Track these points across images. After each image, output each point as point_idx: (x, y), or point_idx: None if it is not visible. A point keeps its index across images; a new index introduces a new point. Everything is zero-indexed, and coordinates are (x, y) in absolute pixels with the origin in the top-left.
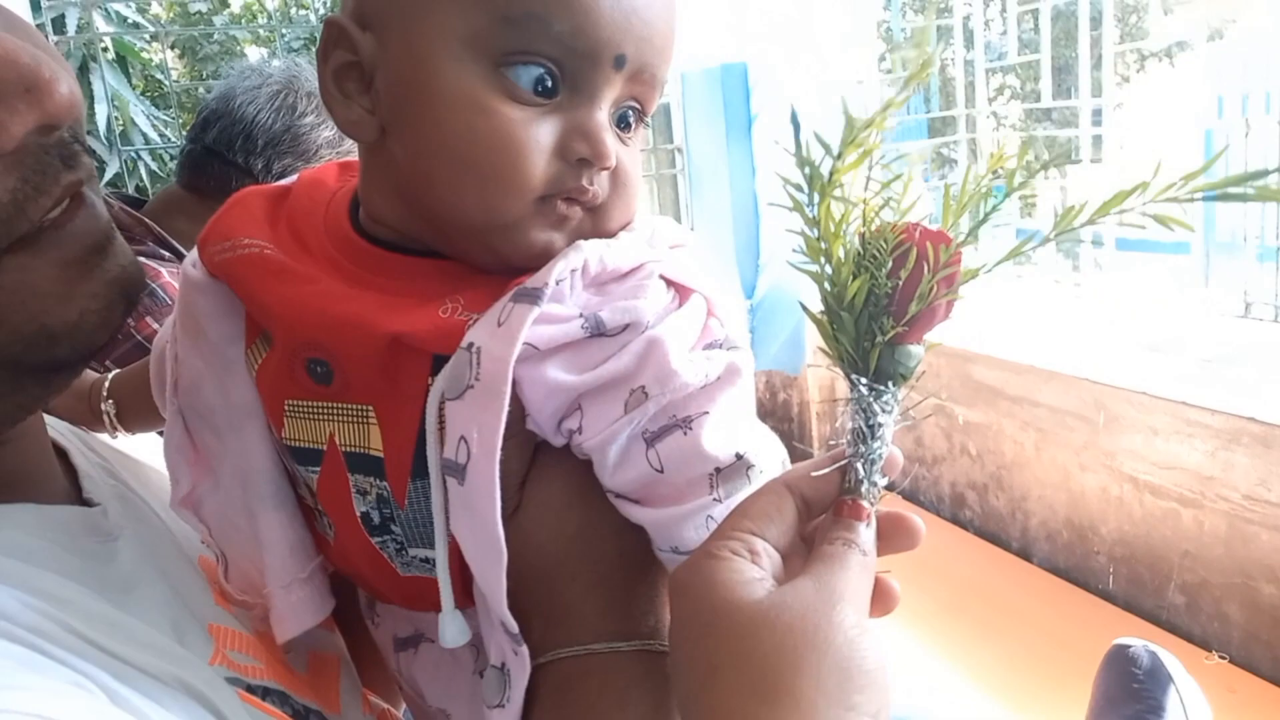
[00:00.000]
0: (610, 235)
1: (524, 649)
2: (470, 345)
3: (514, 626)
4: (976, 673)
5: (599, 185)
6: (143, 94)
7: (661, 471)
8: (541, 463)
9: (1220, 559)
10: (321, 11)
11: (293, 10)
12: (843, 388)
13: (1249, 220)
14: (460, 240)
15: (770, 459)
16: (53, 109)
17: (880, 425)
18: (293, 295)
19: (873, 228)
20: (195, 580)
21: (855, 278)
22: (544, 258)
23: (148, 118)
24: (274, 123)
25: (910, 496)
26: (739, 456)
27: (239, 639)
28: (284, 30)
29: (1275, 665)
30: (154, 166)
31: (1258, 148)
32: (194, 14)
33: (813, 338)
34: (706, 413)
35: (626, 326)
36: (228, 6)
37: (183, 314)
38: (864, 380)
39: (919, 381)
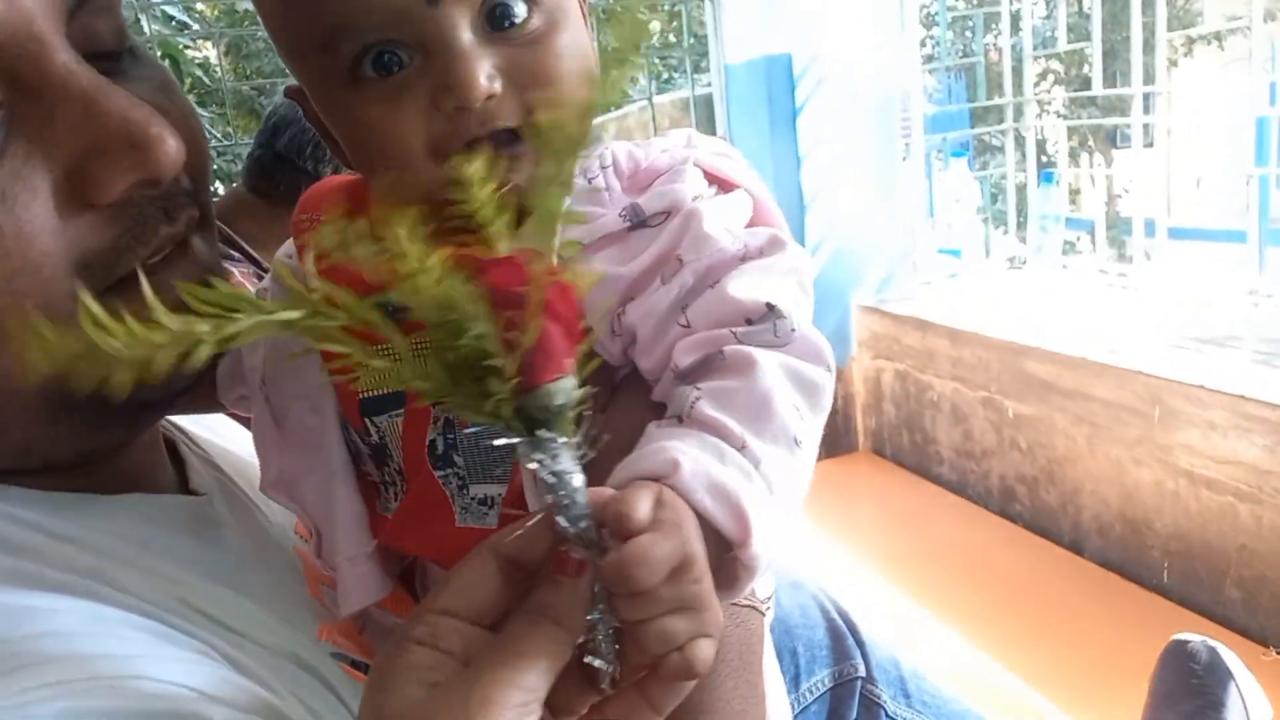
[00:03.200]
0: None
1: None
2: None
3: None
4: (1029, 669)
5: (505, 113)
6: (189, 91)
7: (687, 326)
8: (620, 394)
9: (1279, 554)
10: None
11: None
12: (887, 380)
13: None
14: None
15: (804, 317)
16: (155, 166)
17: (560, 472)
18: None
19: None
20: (293, 568)
21: (434, 351)
22: (524, 201)
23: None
24: None
25: (958, 490)
26: (770, 307)
27: (331, 625)
28: None
29: None
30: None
31: None
32: (239, 12)
33: (858, 330)
34: (740, 271)
35: (666, 213)
36: None
37: (272, 296)
38: (516, 438)
39: (964, 375)
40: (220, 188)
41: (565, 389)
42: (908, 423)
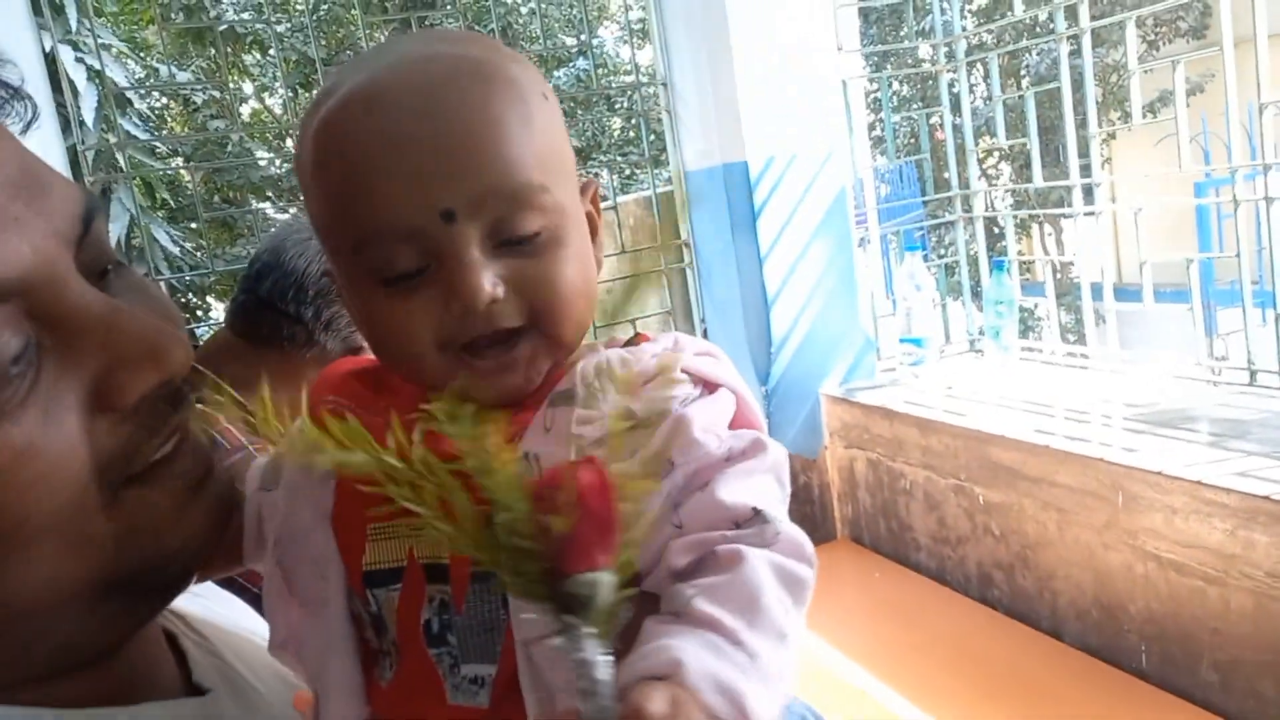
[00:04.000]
0: (568, 339)
1: None
2: (527, 454)
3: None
4: None
5: (504, 316)
6: (159, 208)
7: (680, 528)
8: None
9: (1250, 636)
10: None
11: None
12: (860, 468)
13: (1243, 273)
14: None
15: (784, 521)
16: (170, 371)
17: (584, 661)
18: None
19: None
20: None
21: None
22: (517, 397)
23: (168, 235)
24: (323, 273)
25: (937, 576)
26: (756, 511)
27: None
28: (294, 131)
29: None
30: (173, 281)
31: (1244, 214)
32: (210, 133)
33: (829, 420)
34: (725, 474)
35: (659, 417)
36: (239, 117)
37: (294, 472)
38: (551, 623)
39: (935, 463)
40: (193, 298)
41: (600, 582)
42: (883, 510)
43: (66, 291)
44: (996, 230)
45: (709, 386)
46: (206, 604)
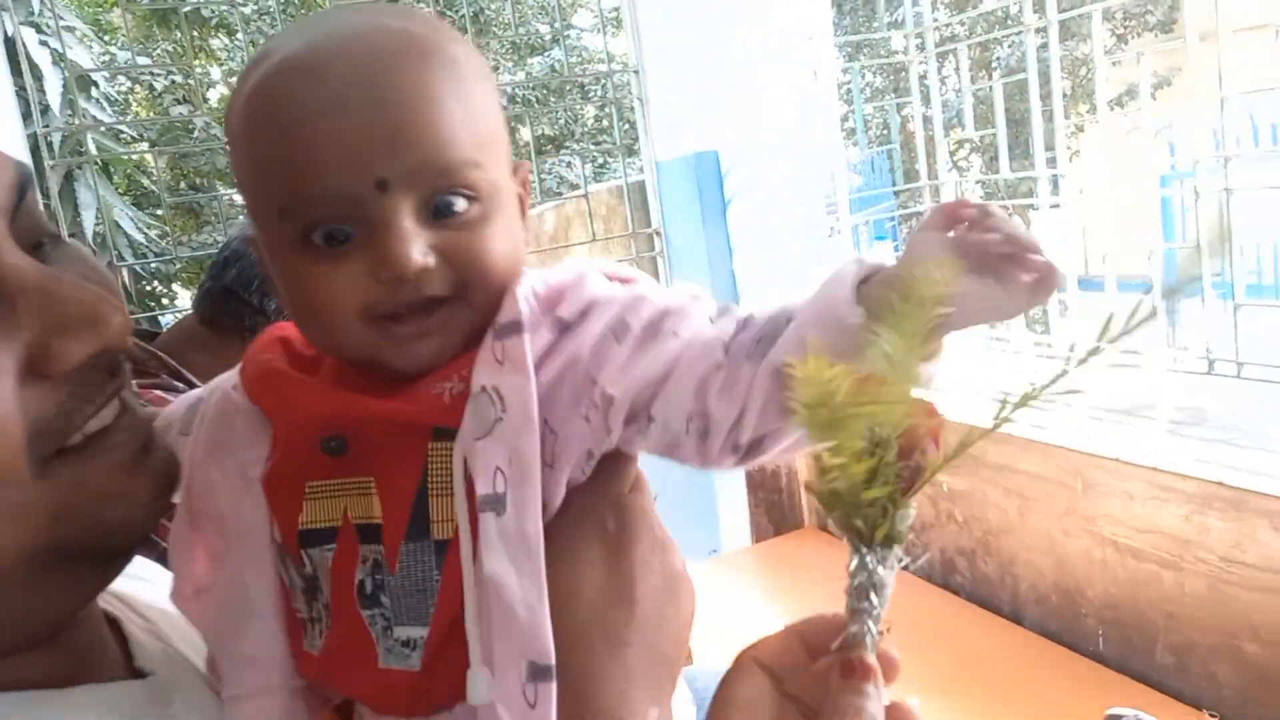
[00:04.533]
0: (492, 304)
1: (551, 686)
2: (483, 387)
3: (550, 659)
4: None
5: (432, 285)
6: (125, 193)
7: (676, 335)
8: (548, 541)
9: (1204, 619)
10: None
11: None
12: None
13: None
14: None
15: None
16: (110, 338)
17: (885, 585)
18: (306, 395)
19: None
20: None
21: (861, 460)
22: (434, 364)
23: (132, 220)
24: (244, 239)
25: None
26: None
27: None
28: None
29: None
30: (138, 268)
31: (1207, 204)
32: (174, 116)
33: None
34: (676, 302)
35: (584, 309)
36: (206, 102)
37: (216, 429)
38: (871, 549)
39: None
40: (159, 286)
41: (912, 514)
42: None
43: (3, 257)
44: None
45: (626, 282)
46: (151, 587)
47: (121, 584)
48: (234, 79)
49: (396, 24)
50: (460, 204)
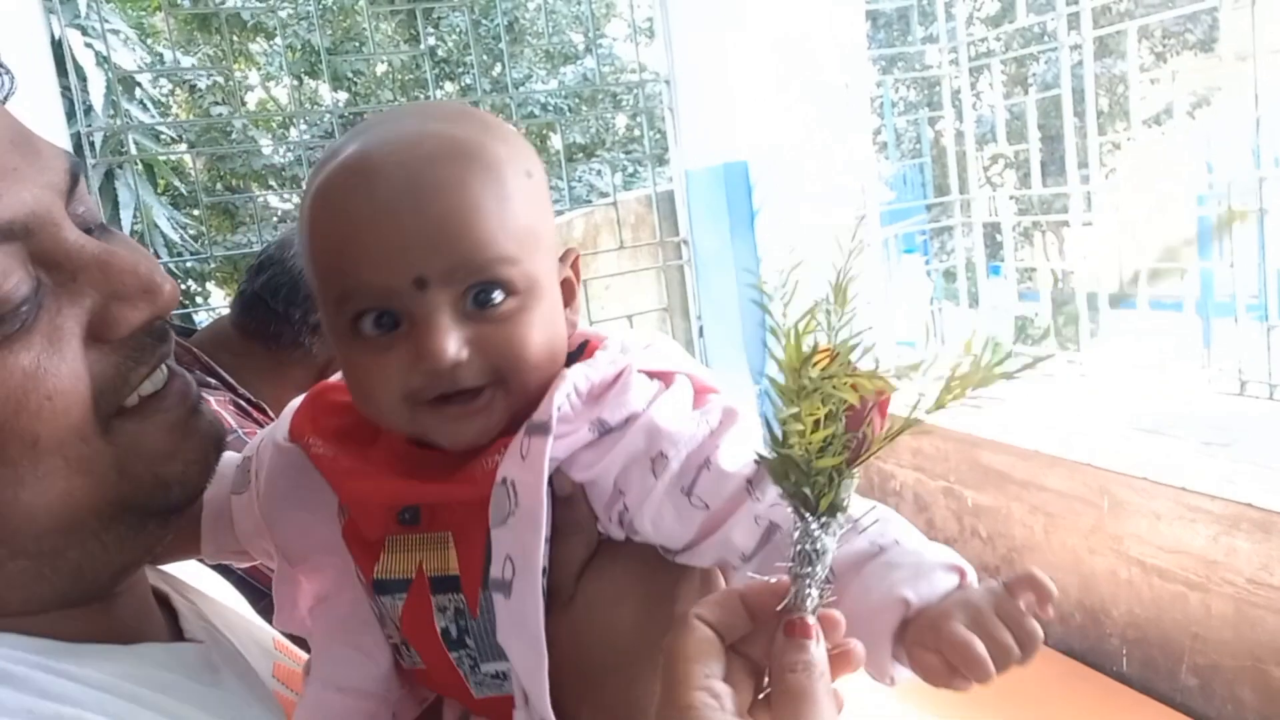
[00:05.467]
0: (529, 395)
1: None
2: (504, 480)
3: None
4: None
5: (470, 376)
6: (162, 193)
7: (707, 508)
8: (598, 559)
9: (1229, 642)
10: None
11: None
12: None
13: (1243, 283)
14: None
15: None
16: (162, 305)
17: (826, 551)
18: (367, 483)
19: (839, 383)
20: (278, 710)
21: (818, 429)
22: (477, 442)
23: (169, 220)
24: None
25: None
26: (758, 461)
27: None
28: (299, 123)
29: None
30: (172, 266)
31: (1245, 226)
32: (214, 117)
33: None
34: (718, 447)
35: (627, 419)
36: (244, 105)
37: (290, 480)
38: (814, 515)
39: (925, 465)
40: (193, 285)
41: (854, 485)
42: None
43: (64, 233)
44: (999, 239)
45: (664, 377)
46: (193, 575)
47: (170, 568)
48: (271, 83)
49: (445, 129)
50: (497, 296)
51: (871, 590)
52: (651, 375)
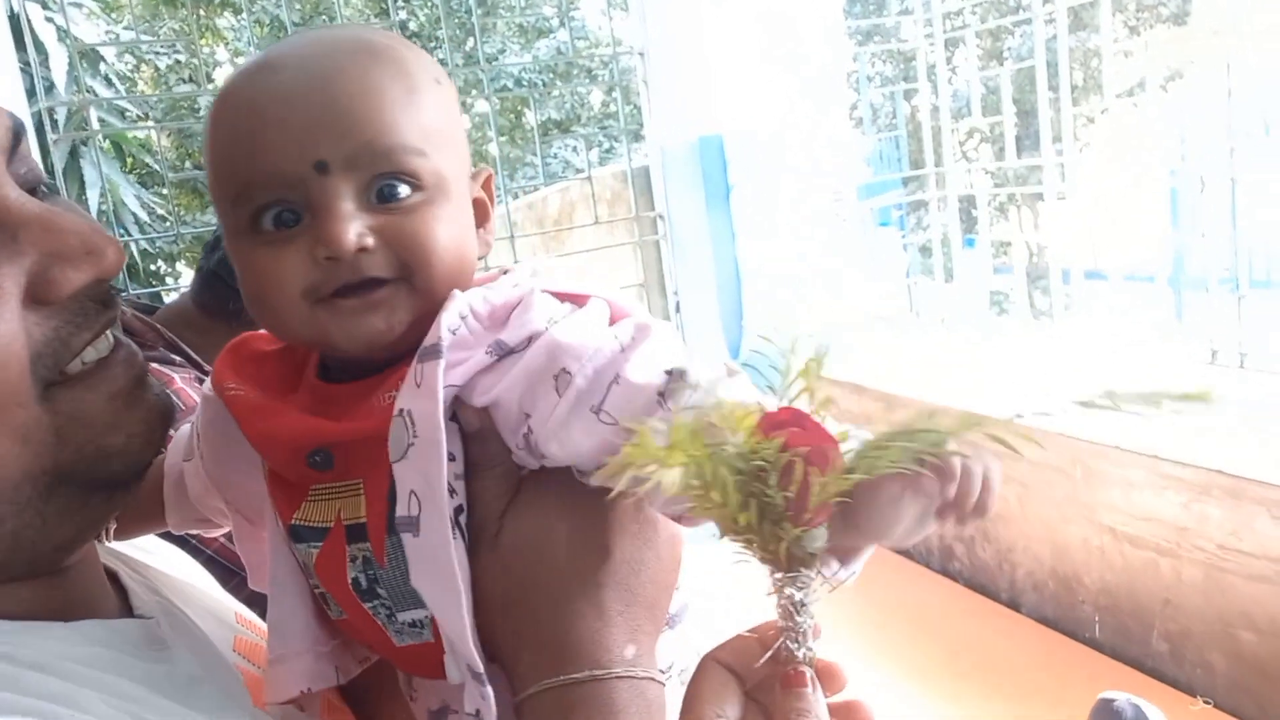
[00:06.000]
0: (436, 289)
1: (489, 690)
2: (401, 411)
3: (479, 667)
4: None
5: (373, 265)
6: (130, 171)
7: (615, 424)
8: (522, 494)
9: (1200, 607)
10: None
11: None
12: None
13: (1215, 259)
14: (325, 353)
15: (704, 368)
16: (106, 268)
17: (804, 604)
18: (275, 426)
19: (750, 447)
20: (236, 683)
21: (744, 504)
22: (379, 341)
23: (137, 199)
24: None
25: (899, 548)
26: (669, 373)
27: None
28: None
29: (1260, 711)
30: (144, 245)
31: (1216, 197)
32: (180, 93)
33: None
34: (629, 361)
35: (528, 339)
36: (212, 82)
37: (220, 435)
38: (779, 574)
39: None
40: (162, 265)
41: (824, 535)
42: None
43: (3, 190)
44: (974, 213)
45: (578, 300)
46: (146, 551)
47: (120, 547)
48: (240, 59)
49: (354, 33)
50: (402, 190)
51: None
52: (563, 298)
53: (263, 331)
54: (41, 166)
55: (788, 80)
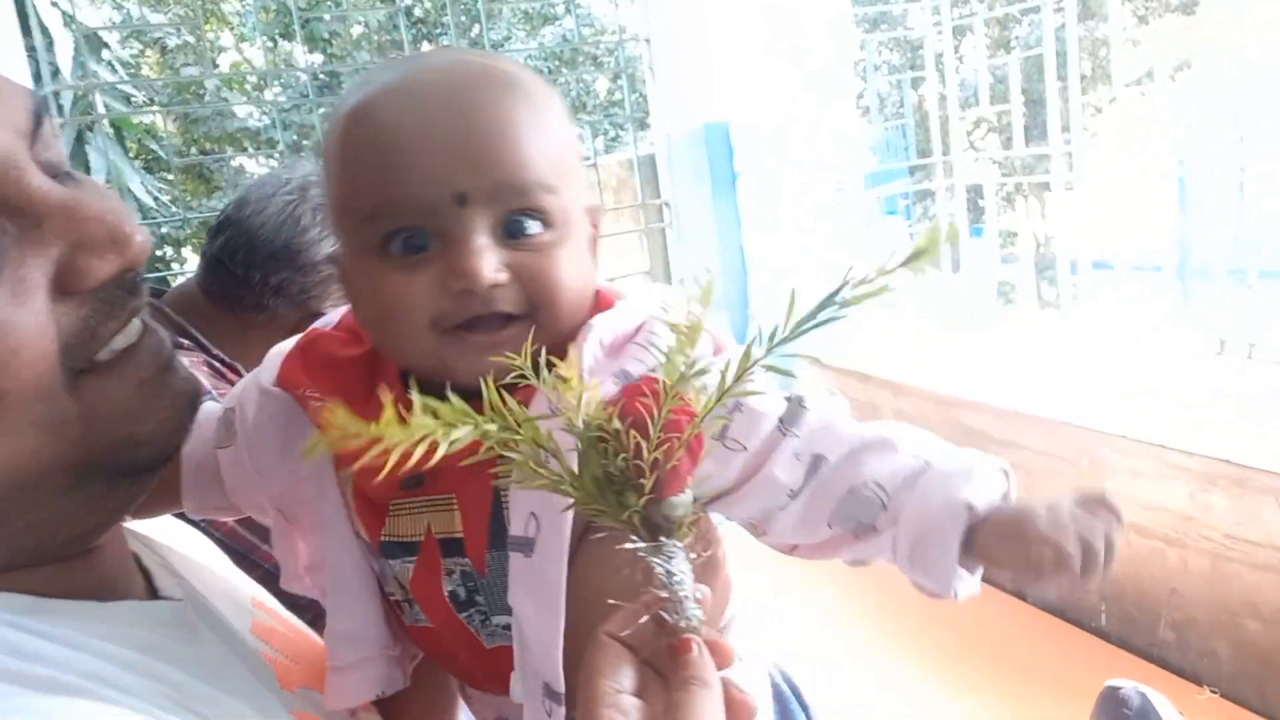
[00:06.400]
0: (561, 327)
1: (561, 709)
2: None
3: (560, 687)
4: (980, 713)
5: (504, 301)
6: (135, 157)
7: (744, 449)
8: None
9: (1205, 597)
10: (312, 69)
11: (282, 71)
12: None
13: (1223, 248)
14: (438, 381)
15: (812, 391)
16: (132, 256)
17: (674, 572)
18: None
19: (587, 412)
20: (262, 667)
21: (585, 465)
22: (500, 377)
23: (143, 185)
24: (276, 236)
25: None
26: (788, 400)
27: (309, 716)
28: (274, 81)
29: (1264, 700)
30: (150, 230)
31: (1226, 184)
32: (185, 77)
33: (803, 380)
34: (748, 393)
35: (652, 370)
36: (217, 67)
37: (280, 429)
38: (640, 543)
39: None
40: (169, 251)
41: (684, 502)
42: None
43: (27, 177)
44: (981, 203)
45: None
46: (162, 531)
47: (137, 526)
48: (244, 43)
49: (482, 60)
50: (533, 226)
51: (931, 499)
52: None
53: (327, 329)
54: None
55: (794, 68)
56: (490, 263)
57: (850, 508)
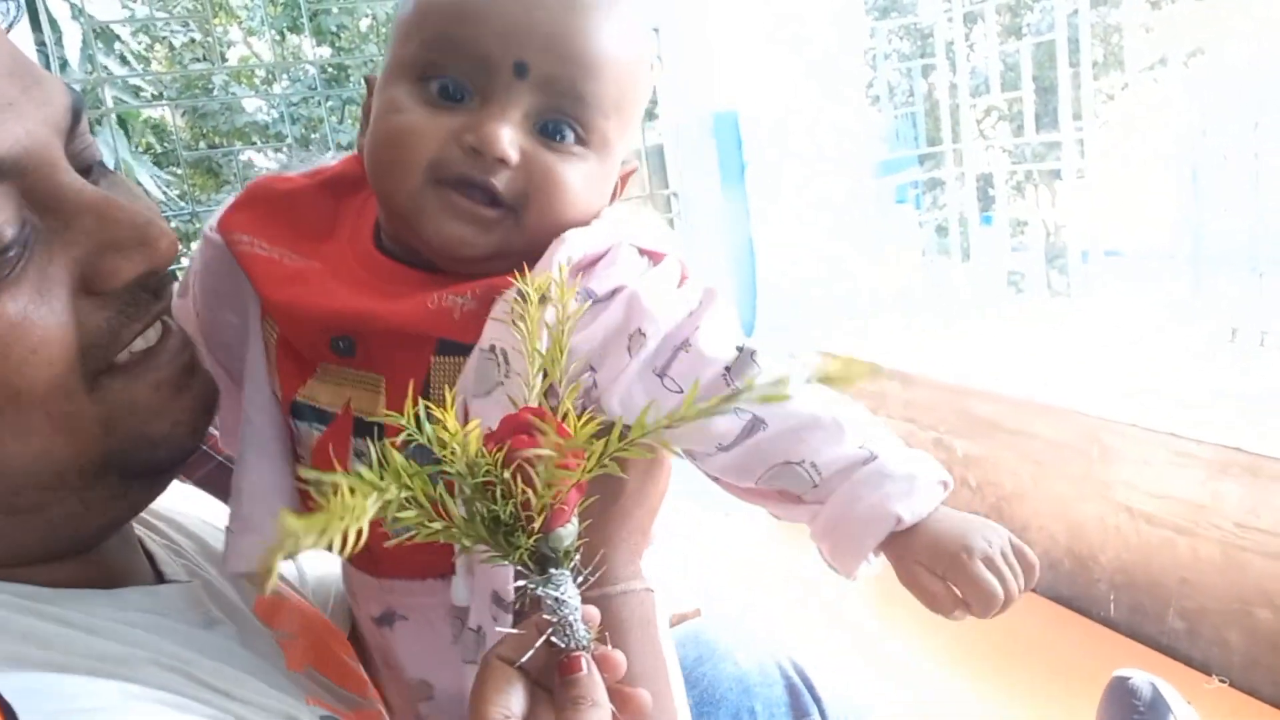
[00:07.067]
0: (535, 237)
1: (508, 616)
2: (492, 346)
3: (510, 596)
4: (988, 703)
5: (501, 180)
6: (144, 152)
7: (681, 391)
8: None
9: (1216, 585)
10: (318, 62)
11: (289, 64)
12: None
13: (1236, 236)
14: (399, 232)
15: (767, 355)
16: (159, 259)
17: (563, 599)
18: (311, 292)
19: (466, 462)
20: (270, 646)
21: (469, 522)
22: (458, 251)
23: (152, 179)
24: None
25: None
26: (739, 349)
27: (318, 702)
28: (283, 75)
29: (1275, 689)
30: None
31: (1239, 171)
32: (193, 71)
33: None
34: (698, 328)
35: (612, 291)
36: (225, 61)
37: (216, 278)
38: (531, 578)
39: (916, 416)
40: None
41: (570, 532)
42: None
43: (60, 175)
44: (991, 192)
45: (654, 256)
46: (169, 502)
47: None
48: (252, 38)
49: None
50: (570, 136)
51: (861, 499)
52: (641, 252)
53: (280, 174)
54: None
55: (802, 57)
56: (510, 136)
57: (780, 477)
